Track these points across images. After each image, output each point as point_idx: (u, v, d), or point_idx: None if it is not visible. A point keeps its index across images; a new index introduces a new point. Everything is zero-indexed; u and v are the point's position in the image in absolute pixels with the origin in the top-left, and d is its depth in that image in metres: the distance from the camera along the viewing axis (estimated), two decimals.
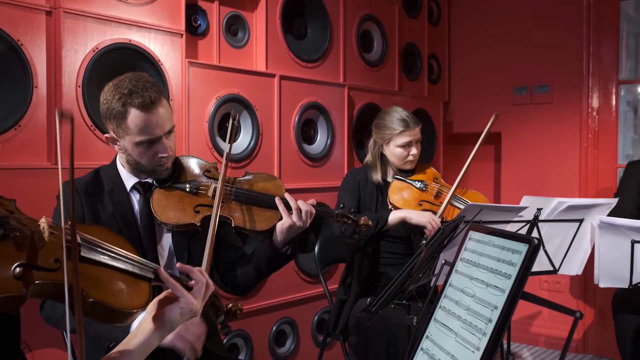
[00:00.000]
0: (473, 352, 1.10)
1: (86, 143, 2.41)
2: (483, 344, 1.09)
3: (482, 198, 2.84)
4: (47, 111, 2.31)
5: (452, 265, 1.33)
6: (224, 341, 2.63)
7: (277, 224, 1.91)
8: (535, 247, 1.09)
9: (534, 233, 2.32)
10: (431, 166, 2.97)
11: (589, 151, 4.13)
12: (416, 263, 1.84)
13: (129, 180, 1.87)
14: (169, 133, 1.81)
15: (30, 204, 2.04)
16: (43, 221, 1.09)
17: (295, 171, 3.31)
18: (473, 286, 1.20)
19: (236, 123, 1.89)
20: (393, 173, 2.83)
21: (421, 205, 2.70)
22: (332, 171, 3.53)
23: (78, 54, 2.38)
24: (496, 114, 2.88)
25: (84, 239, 1.18)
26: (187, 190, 1.88)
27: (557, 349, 4.14)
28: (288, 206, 1.89)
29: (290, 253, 1.97)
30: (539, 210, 2.33)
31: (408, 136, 2.72)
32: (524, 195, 2.46)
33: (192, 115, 2.80)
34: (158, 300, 1.29)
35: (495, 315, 1.09)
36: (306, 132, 3.46)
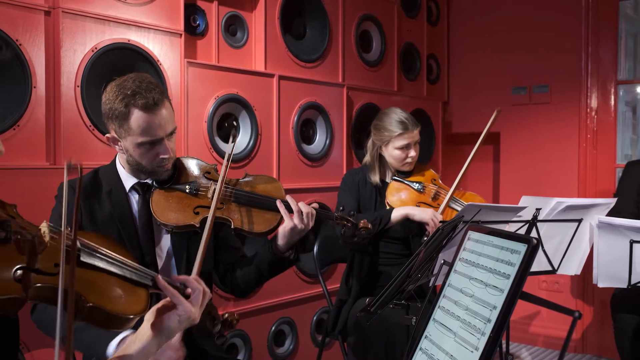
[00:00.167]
0: (472, 352, 1.10)
1: (85, 143, 2.41)
2: (482, 344, 1.09)
3: (480, 200, 2.84)
4: (46, 111, 2.31)
5: (451, 265, 1.33)
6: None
7: (280, 228, 1.91)
8: (534, 247, 1.09)
9: (533, 233, 2.32)
10: (430, 167, 2.97)
11: (588, 151, 4.13)
12: (415, 263, 1.84)
13: (128, 180, 1.87)
14: (171, 135, 1.81)
15: (29, 204, 2.04)
16: (44, 225, 1.10)
17: (294, 171, 3.31)
18: (472, 286, 1.20)
19: (235, 131, 1.89)
20: (391, 174, 2.83)
21: (419, 206, 2.71)
22: (331, 171, 3.53)
23: (77, 54, 2.38)
24: (498, 110, 2.87)
25: (84, 244, 1.18)
26: (187, 191, 1.88)
27: (556, 349, 4.15)
28: (289, 209, 1.90)
29: (293, 258, 1.96)
30: (538, 210, 2.33)
31: (406, 139, 2.72)
32: (523, 195, 2.45)
33: (191, 115, 2.80)
34: (157, 308, 1.30)
35: (494, 315, 1.09)
36: (305, 132, 3.46)
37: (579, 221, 2.44)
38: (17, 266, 1.05)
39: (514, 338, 4.30)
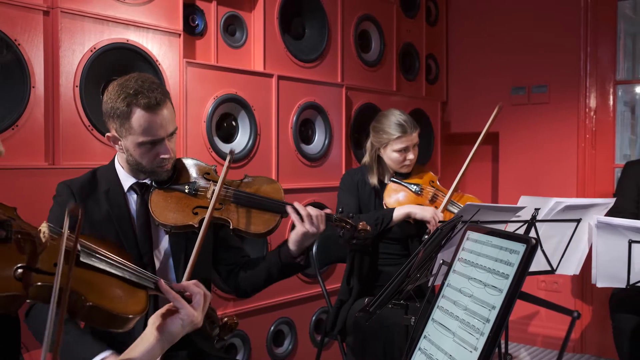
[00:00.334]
0: (471, 352, 1.10)
1: (83, 143, 2.40)
2: (481, 344, 1.09)
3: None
4: (45, 111, 2.31)
5: (450, 265, 1.33)
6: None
7: (292, 234, 1.92)
8: (532, 247, 1.09)
9: (532, 233, 2.32)
10: (429, 167, 2.97)
11: (587, 151, 4.13)
12: (414, 263, 1.84)
13: (127, 180, 1.87)
14: (172, 135, 1.81)
15: (28, 204, 2.04)
16: (44, 226, 1.11)
17: (293, 171, 3.31)
18: (471, 286, 1.21)
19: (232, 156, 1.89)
20: (390, 175, 2.83)
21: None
22: (330, 171, 3.53)
23: (76, 54, 2.37)
24: (500, 106, 2.84)
25: (84, 246, 1.19)
26: (186, 191, 1.88)
27: (555, 349, 4.15)
28: (298, 214, 1.90)
29: (304, 263, 1.98)
30: (537, 210, 2.33)
31: (405, 142, 2.71)
32: (522, 195, 2.45)
33: (190, 115, 2.80)
34: (160, 312, 1.31)
35: (493, 315, 1.09)
36: (304, 132, 3.46)
37: (578, 221, 2.44)
38: (18, 265, 1.06)
39: (513, 338, 4.30)
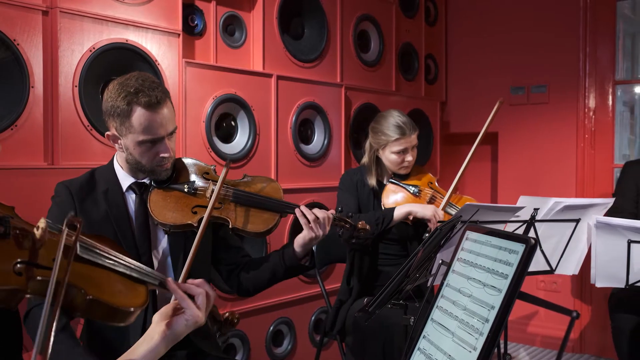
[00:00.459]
0: (470, 352, 1.10)
1: (82, 143, 2.40)
2: (480, 344, 1.09)
3: None
4: (44, 111, 2.31)
5: (449, 265, 1.33)
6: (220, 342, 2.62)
7: (298, 237, 1.93)
8: (532, 247, 1.09)
9: (531, 233, 2.32)
10: (428, 167, 2.97)
11: (586, 151, 4.14)
12: (413, 263, 1.84)
13: (126, 180, 1.87)
14: (171, 134, 1.81)
15: (27, 204, 2.04)
16: (42, 221, 1.11)
17: (292, 171, 3.31)
18: (470, 286, 1.21)
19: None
20: (388, 176, 2.83)
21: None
22: (329, 171, 3.53)
23: (75, 54, 2.37)
24: (500, 101, 2.83)
25: (84, 242, 1.20)
26: (185, 191, 1.88)
27: (554, 349, 4.15)
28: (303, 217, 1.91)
29: (309, 265, 1.99)
30: (536, 210, 2.33)
31: (403, 144, 2.70)
32: (521, 195, 2.45)
33: (189, 115, 2.80)
34: (164, 311, 1.32)
35: (492, 315, 1.10)
36: (303, 132, 3.46)
37: (577, 221, 2.44)
38: (18, 260, 1.07)
39: (512, 338, 4.30)
